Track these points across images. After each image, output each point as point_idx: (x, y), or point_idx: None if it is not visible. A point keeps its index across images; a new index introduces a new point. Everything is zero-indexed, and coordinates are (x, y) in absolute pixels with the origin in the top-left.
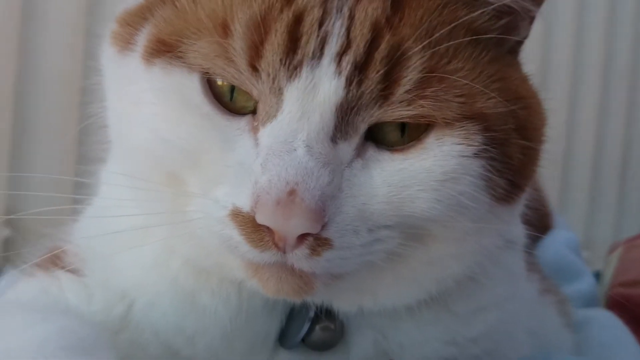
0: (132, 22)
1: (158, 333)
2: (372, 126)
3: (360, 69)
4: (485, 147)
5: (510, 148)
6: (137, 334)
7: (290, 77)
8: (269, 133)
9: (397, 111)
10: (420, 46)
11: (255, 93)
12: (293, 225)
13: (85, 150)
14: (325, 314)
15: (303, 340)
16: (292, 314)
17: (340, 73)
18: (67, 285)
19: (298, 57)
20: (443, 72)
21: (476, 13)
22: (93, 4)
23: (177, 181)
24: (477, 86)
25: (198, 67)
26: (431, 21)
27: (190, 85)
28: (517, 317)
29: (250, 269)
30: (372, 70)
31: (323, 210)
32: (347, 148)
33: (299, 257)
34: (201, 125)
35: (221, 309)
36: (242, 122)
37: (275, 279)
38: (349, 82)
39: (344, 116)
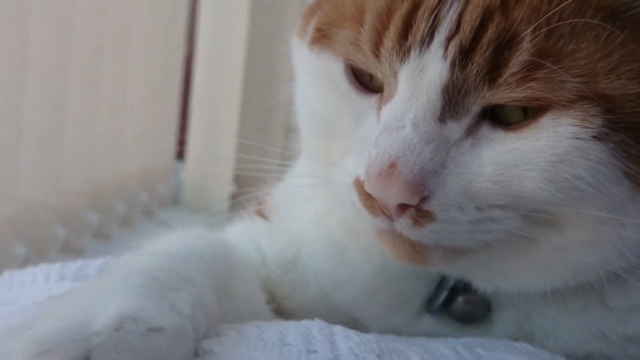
0: (308, 15)
1: (316, 276)
2: (494, 106)
3: (466, 52)
4: (607, 129)
5: None
6: (301, 275)
7: (402, 61)
8: (386, 111)
9: (506, 93)
10: (532, 28)
11: (379, 75)
12: (391, 194)
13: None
14: (471, 288)
15: (447, 309)
16: (441, 284)
17: (446, 57)
18: (259, 228)
19: (409, 42)
20: (560, 53)
21: None
22: None
23: (327, 151)
24: (601, 66)
25: (340, 52)
26: (551, 2)
27: (335, 68)
28: None
29: (375, 233)
30: (478, 54)
31: (422, 184)
32: (456, 127)
33: (403, 226)
34: (340, 102)
35: (365, 265)
36: (373, 100)
37: (391, 244)
38: (453, 66)
39: (452, 97)
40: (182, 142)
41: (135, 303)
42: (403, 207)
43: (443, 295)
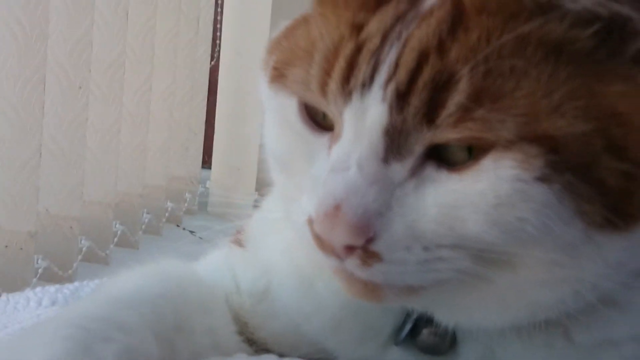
0: (270, 50)
1: (286, 308)
2: (438, 146)
3: (402, 95)
4: (551, 170)
5: (599, 171)
6: (273, 304)
7: (344, 102)
8: (335, 151)
9: (444, 134)
10: (469, 68)
11: (330, 115)
12: (336, 236)
13: None
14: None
15: (414, 341)
16: (408, 316)
17: (384, 100)
18: (235, 256)
19: (351, 84)
20: (498, 92)
21: (550, 24)
22: None
23: (287, 187)
24: (543, 105)
25: (294, 90)
26: (490, 40)
27: (289, 107)
28: None
29: (331, 270)
30: (414, 96)
31: (366, 225)
32: (399, 168)
33: (352, 266)
34: (294, 141)
35: (332, 297)
36: (325, 139)
37: (345, 281)
38: (391, 108)
39: (394, 139)
40: (208, 151)
41: None
42: (350, 248)
43: (407, 327)
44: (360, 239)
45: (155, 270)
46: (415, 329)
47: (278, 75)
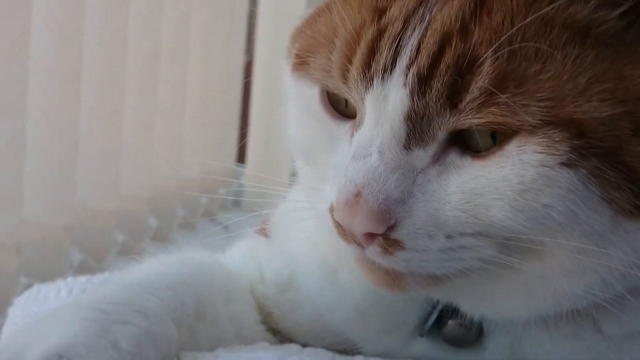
0: (293, 39)
1: (310, 297)
2: (462, 132)
3: (424, 79)
4: (577, 155)
5: (627, 157)
6: (297, 295)
7: (366, 88)
8: (357, 138)
9: (468, 119)
10: (492, 52)
11: (352, 102)
12: (356, 223)
13: None
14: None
15: (440, 333)
16: (434, 307)
17: (406, 85)
18: (260, 246)
19: (372, 69)
20: (523, 76)
21: (575, 5)
22: None
23: (311, 176)
24: (569, 88)
25: (315, 78)
26: (514, 23)
27: (312, 95)
28: None
29: (353, 259)
30: (436, 80)
31: (388, 212)
32: (422, 154)
33: (374, 254)
34: (317, 129)
35: (356, 288)
36: (347, 126)
37: (367, 270)
38: (413, 93)
39: (416, 124)
40: (243, 147)
41: (69, 340)
42: (371, 236)
43: (432, 318)
44: (381, 226)
45: (178, 258)
46: (440, 320)
47: (300, 63)
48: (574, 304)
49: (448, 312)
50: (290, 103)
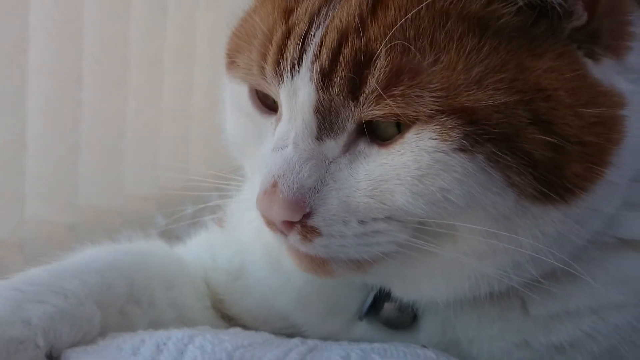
0: (228, 41)
1: (258, 283)
2: (370, 122)
3: (327, 74)
4: (471, 141)
5: (525, 143)
6: (246, 282)
7: (279, 84)
8: (277, 131)
9: (368, 111)
10: (385, 46)
11: (272, 97)
12: (274, 212)
13: None
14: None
15: (379, 317)
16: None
17: (312, 79)
18: (214, 236)
19: (282, 66)
20: (417, 68)
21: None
22: None
23: (247, 168)
24: (462, 78)
25: (242, 76)
26: (408, 17)
27: (242, 91)
28: (628, 333)
29: (282, 247)
30: (337, 75)
31: (302, 201)
32: (333, 144)
33: (295, 241)
34: (247, 124)
35: (297, 274)
36: (273, 119)
37: (295, 256)
38: (318, 88)
39: (325, 116)
40: None
41: None
42: (290, 224)
43: (368, 301)
44: (296, 214)
45: (118, 247)
46: (378, 304)
47: (231, 63)
48: (491, 287)
49: (383, 295)
50: (226, 101)
